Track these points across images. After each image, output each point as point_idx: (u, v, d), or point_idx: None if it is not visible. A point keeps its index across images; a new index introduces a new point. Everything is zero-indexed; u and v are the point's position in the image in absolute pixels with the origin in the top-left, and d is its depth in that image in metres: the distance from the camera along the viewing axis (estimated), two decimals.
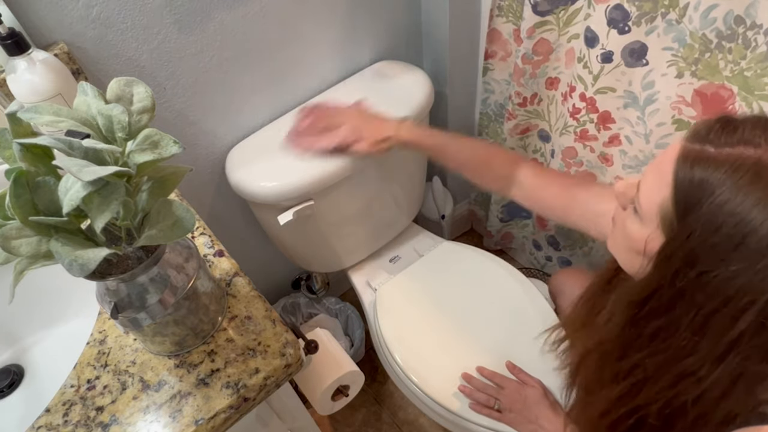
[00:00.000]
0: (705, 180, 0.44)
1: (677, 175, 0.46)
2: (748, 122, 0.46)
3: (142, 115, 0.48)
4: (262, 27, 0.91)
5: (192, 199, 1.00)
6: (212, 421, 0.55)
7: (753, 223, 0.41)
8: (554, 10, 0.95)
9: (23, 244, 0.43)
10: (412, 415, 1.35)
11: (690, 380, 0.48)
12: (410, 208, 1.23)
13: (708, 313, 0.45)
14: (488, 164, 0.86)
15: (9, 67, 0.64)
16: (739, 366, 0.45)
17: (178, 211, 0.48)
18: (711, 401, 0.48)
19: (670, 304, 0.48)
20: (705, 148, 0.45)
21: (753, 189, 0.42)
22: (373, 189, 1.06)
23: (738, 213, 0.42)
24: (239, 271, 0.66)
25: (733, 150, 0.44)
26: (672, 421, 0.51)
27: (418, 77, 1.07)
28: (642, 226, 0.50)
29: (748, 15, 0.70)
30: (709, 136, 0.46)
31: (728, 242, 0.43)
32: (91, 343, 0.62)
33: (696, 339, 0.46)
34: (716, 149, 0.45)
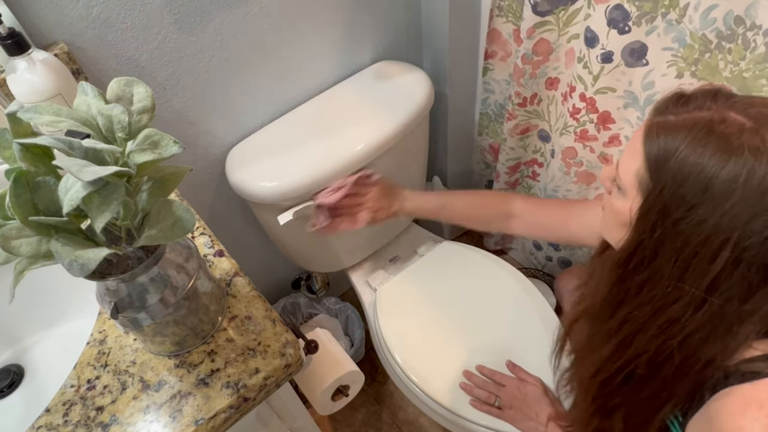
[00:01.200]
0: (669, 143, 0.50)
1: (646, 145, 0.52)
2: (699, 92, 0.52)
3: (142, 115, 0.48)
4: (262, 27, 0.91)
5: (192, 199, 1.00)
6: (212, 421, 0.55)
7: (713, 169, 0.47)
8: (554, 10, 0.95)
9: (23, 244, 0.43)
10: (412, 415, 1.35)
11: (676, 326, 0.52)
12: None
13: (686, 258, 0.49)
14: (484, 210, 0.95)
15: (9, 67, 0.64)
16: (720, 308, 0.49)
17: (178, 211, 0.48)
18: (695, 344, 0.52)
19: (651, 256, 0.52)
20: (667, 118, 0.52)
21: (709, 142, 0.47)
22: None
23: (699, 163, 0.48)
24: (239, 271, 0.67)
25: (689, 115, 0.50)
26: (659, 368, 0.55)
27: (418, 77, 1.07)
28: (625, 199, 0.55)
29: (748, 15, 0.70)
30: (668, 108, 0.53)
31: (695, 189, 0.48)
32: (91, 343, 0.62)
33: (679, 285, 0.50)
34: (675, 117, 0.51)
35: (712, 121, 0.49)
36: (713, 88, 0.53)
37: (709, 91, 0.52)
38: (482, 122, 1.34)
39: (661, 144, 0.51)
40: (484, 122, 1.34)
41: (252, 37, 0.91)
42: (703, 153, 0.48)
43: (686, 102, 0.52)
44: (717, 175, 0.47)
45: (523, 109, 1.15)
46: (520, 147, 1.26)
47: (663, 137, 0.51)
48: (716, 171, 0.47)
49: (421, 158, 1.16)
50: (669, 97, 0.54)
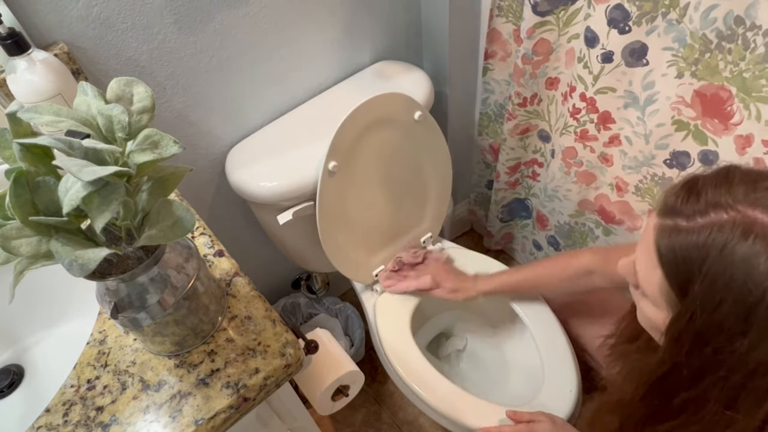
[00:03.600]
0: (688, 257, 0.43)
1: (661, 256, 0.45)
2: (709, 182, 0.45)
3: (142, 115, 0.48)
4: (262, 27, 0.91)
5: (192, 199, 1.00)
6: (212, 421, 0.55)
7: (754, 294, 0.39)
8: (554, 10, 0.95)
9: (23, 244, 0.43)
10: (412, 415, 1.35)
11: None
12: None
13: (734, 388, 0.43)
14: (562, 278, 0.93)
15: (9, 67, 0.64)
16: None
17: (178, 211, 0.48)
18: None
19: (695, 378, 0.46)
20: (677, 223, 0.44)
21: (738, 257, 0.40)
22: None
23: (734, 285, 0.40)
24: (239, 271, 0.66)
25: (705, 219, 0.43)
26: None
27: (418, 77, 1.07)
28: (657, 309, 0.49)
29: (748, 15, 0.70)
30: (677, 206, 0.45)
31: (734, 317, 0.41)
32: (91, 343, 0.62)
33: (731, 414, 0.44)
34: (688, 221, 0.44)
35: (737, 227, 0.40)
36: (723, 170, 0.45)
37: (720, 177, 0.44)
38: (482, 122, 1.34)
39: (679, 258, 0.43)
40: (484, 122, 1.34)
41: (252, 37, 0.91)
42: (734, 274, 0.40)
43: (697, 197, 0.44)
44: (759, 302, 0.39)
45: (523, 109, 1.15)
46: (520, 147, 1.26)
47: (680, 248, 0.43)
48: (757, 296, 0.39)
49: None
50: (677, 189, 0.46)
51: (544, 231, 1.37)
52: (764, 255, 0.39)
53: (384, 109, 0.93)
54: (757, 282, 0.39)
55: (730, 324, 0.41)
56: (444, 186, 1.14)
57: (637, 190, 1.03)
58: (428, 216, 1.16)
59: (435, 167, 1.09)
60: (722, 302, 0.41)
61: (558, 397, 0.94)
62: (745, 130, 0.79)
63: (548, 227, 1.34)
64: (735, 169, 0.45)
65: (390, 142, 0.98)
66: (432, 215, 1.17)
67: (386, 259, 1.13)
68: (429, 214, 1.16)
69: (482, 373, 1.19)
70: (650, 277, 0.47)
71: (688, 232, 0.43)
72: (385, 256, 1.13)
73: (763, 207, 0.41)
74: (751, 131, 0.79)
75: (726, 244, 0.41)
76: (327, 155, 0.89)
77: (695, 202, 0.44)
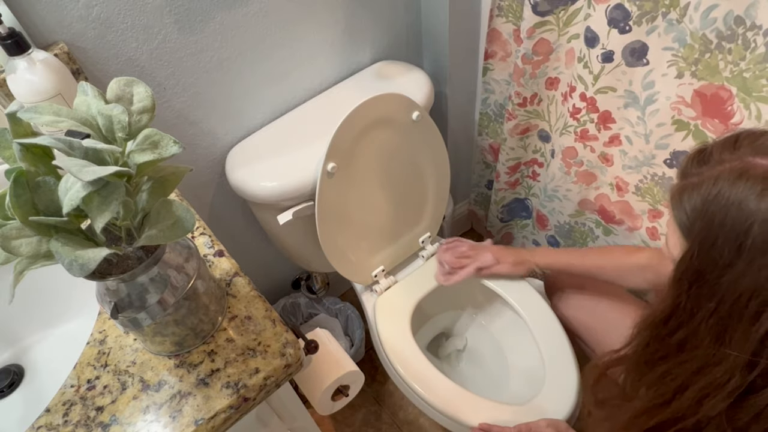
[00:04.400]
0: (693, 205, 0.48)
1: (675, 213, 0.50)
2: (718, 145, 0.50)
3: (142, 115, 0.48)
4: (262, 27, 0.91)
5: (192, 199, 1.00)
6: (212, 421, 0.55)
7: (745, 224, 0.44)
8: (554, 10, 0.95)
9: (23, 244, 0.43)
10: (412, 415, 1.35)
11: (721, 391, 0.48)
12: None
13: (725, 317, 0.46)
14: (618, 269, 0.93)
15: (9, 67, 0.64)
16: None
17: (178, 211, 0.48)
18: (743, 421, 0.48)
19: (690, 314, 0.49)
20: (689, 180, 0.50)
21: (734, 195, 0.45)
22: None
23: (727, 223, 0.45)
24: (239, 271, 0.66)
25: (711, 171, 0.48)
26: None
27: (418, 77, 1.07)
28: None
29: (748, 15, 0.70)
30: (688, 168, 0.51)
31: (728, 248, 0.45)
32: (91, 343, 0.62)
33: (719, 347, 0.47)
34: (698, 177, 0.49)
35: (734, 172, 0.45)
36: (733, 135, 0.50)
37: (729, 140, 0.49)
38: (482, 122, 1.34)
39: (686, 206, 0.48)
40: (484, 122, 1.34)
41: (252, 37, 0.91)
42: (728, 212, 0.45)
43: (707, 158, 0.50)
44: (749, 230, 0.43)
45: (523, 109, 1.15)
46: (520, 147, 1.26)
47: (687, 199, 0.48)
48: (745, 228, 0.44)
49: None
50: (690, 156, 0.52)
51: (544, 231, 1.37)
52: (755, 193, 0.43)
53: (382, 109, 0.93)
54: (747, 215, 0.44)
55: (723, 257, 0.45)
56: (442, 186, 1.14)
57: (637, 190, 1.03)
58: (427, 216, 1.16)
59: (433, 167, 1.09)
60: (717, 238, 0.46)
61: (558, 396, 0.94)
62: None
63: (548, 227, 1.34)
64: (744, 132, 0.50)
65: (388, 143, 0.98)
66: (431, 215, 1.17)
67: (385, 260, 1.13)
68: (428, 214, 1.16)
69: (482, 373, 1.19)
70: (672, 239, 0.52)
71: (695, 184, 0.48)
72: (383, 257, 1.13)
73: (763, 154, 0.46)
74: None
75: (724, 185, 0.46)
76: (326, 156, 0.89)
77: (705, 161, 0.49)
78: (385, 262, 1.14)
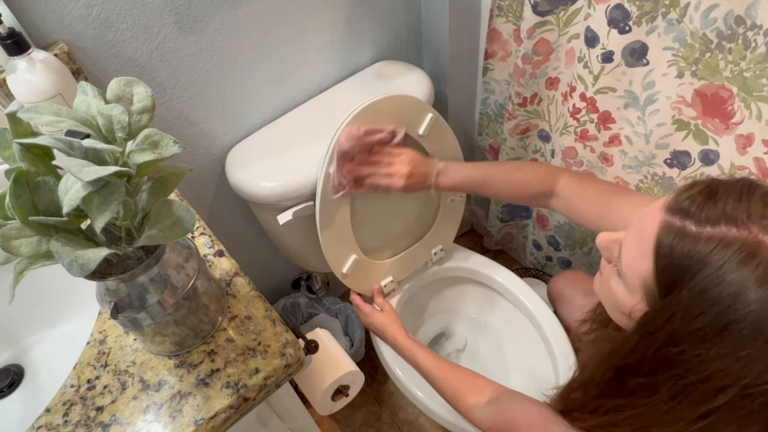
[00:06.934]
0: (686, 263, 0.43)
1: (658, 252, 0.45)
2: (732, 193, 0.44)
3: (142, 115, 0.48)
4: (262, 27, 0.91)
5: (192, 199, 1.00)
6: (212, 421, 0.55)
7: (737, 313, 0.41)
8: (554, 10, 0.95)
9: (23, 244, 0.43)
10: (412, 415, 1.35)
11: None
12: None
13: (687, 385, 0.46)
14: (527, 188, 0.86)
15: (9, 67, 0.64)
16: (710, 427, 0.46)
17: (178, 211, 0.48)
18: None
19: (653, 371, 0.48)
20: (686, 225, 0.44)
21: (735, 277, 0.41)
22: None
23: (721, 302, 0.41)
24: (239, 271, 0.66)
25: (714, 230, 0.43)
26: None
27: (418, 77, 1.07)
28: (627, 294, 0.50)
29: (749, 15, 0.70)
30: (691, 209, 0.45)
31: (710, 328, 0.42)
32: (91, 343, 0.62)
33: (674, 404, 0.47)
34: (697, 227, 0.43)
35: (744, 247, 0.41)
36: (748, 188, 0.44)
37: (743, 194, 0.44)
38: (482, 122, 1.34)
39: (677, 259, 0.44)
40: (484, 122, 1.34)
41: (252, 37, 0.91)
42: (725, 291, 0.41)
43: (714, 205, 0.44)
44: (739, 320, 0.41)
45: (523, 109, 1.15)
46: (520, 147, 1.26)
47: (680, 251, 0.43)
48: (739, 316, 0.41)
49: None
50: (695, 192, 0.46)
51: (544, 231, 1.37)
52: (760, 282, 0.40)
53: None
54: (743, 303, 0.40)
55: (704, 333, 0.43)
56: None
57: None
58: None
59: None
60: (704, 313, 0.42)
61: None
62: (746, 130, 0.79)
63: (548, 227, 1.34)
64: (757, 186, 0.45)
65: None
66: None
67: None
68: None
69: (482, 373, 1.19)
70: (636, 266, 0.48)
71: (694, 238, 0.43)
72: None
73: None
74: (752, 131, 0.79)
75: (728, 260, 0.41)
76: (327, 160, 0.86)
77: (711, 209, 0.44)
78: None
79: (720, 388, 0.44)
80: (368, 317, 1.02)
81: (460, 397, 0.81)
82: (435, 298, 1.23)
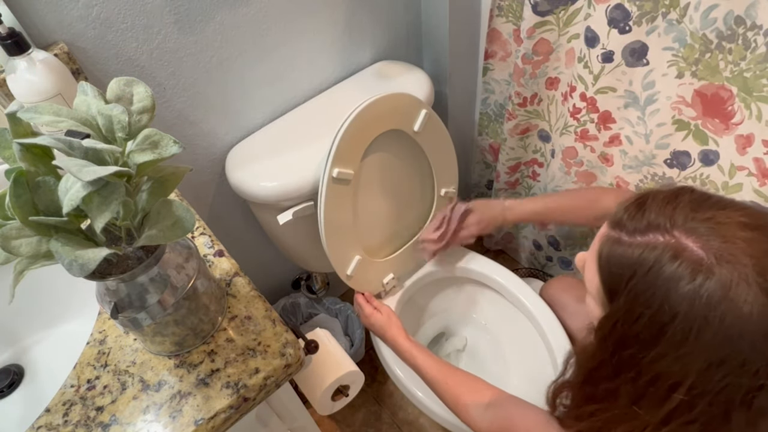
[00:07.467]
0: (619, 270, 0.47)
1: (600, 263, 0.49)
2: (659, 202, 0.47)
3: (142, 115, 0.48)
4: (262, 27, 0.91)
5: (192, 199, 1.00)
6: (212, 421, 0.55)
7: (668, 314, 0.43)
8: (554, 10, 0.95)
9: (23, 244, 0.43)
10: (412, 415, 1.35)
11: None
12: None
13: (641, 387, 0.48)
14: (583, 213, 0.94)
15: (9, 67, 0.64)
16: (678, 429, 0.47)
17: (178, 211, 0.48)
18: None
19: (613, 374, 0.51)
20: (620, 236, 0.48)
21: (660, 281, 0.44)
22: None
23: (652, 305, 0.44)
24: (239, 271, 0.66)
25: (642, 238, 0.46)
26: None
27: (418, 77, 1.07)
28: (595, 305, 0.54)
29: (749, 15, 0.70)
30: (623, 220, 0.48)
31: (648, 331, 0.45)
32: (91, 343, 0.62)
33: (636, 408, 0.49)
34: (629, 237, 0.47)
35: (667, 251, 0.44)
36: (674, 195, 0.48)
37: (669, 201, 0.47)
38: (482, 122, 1.34)
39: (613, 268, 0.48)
40: (484, 122, 1.34)
41: (252, 37, 0.91)
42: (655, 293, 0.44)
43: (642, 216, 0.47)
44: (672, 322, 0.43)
45: (523, 109, 1.15)
46: (520, 147, 1.26)
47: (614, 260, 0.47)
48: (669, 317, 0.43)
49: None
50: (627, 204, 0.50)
51: (544, 231, 1.37)
52: (684, 280, 0.43)
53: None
54: (672, 304, 0.43)
55: (644, 336, 0.46)
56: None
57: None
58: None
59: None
60: (641, 316, 0.45)
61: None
62: (746, 130, 0.79)
63: (548, 227, 1.34)
64: (685, 193, 0.48)
65: (395, 145, 0.97)
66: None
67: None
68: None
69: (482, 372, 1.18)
70: (592, 278, 0.52)
71: (625, 246, 0.47)
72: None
73: (696, 236, 0.44)
74: (752, 131, 0.79)
75: (653, 264, 0.44)
76: (331, 162, 0.86)
77: (639, 219, 0.47)
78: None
79: (669, 388, 0.46)
80: (369, 318, 1.03)
81: (459, 401, 0.81)
82: (435, 298, 1.23)
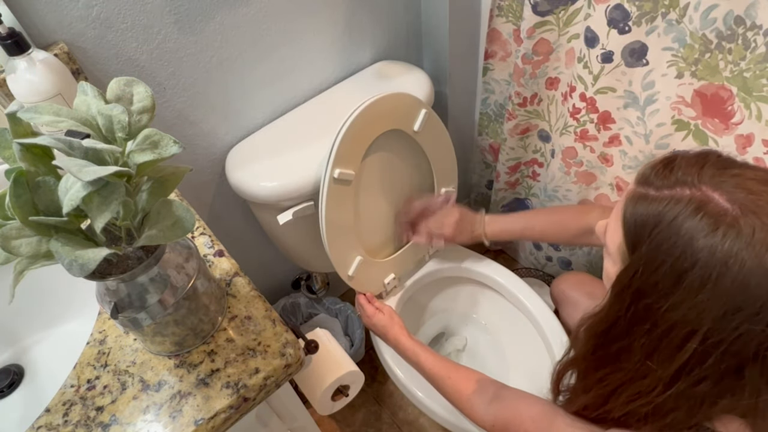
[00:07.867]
0: (644, 221, 0.48)
1: (625, 219, 0.51)
2: (685, 161, 0.49)
3: (142, 115, 0.48)
4: (262, 27, 0.91)
5: (192, 199, 1.00)
6: (212, 421, 0.55)
7: (687, 262, 0.45)
8: (554, 10, 0.95)
9: (23, 244, 0.43)
10: (412, 415, 1.35)
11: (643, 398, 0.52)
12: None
13: (655, 339, 0.49)
14: (565, 229, 0.94)
15: (9, 67, 0.64)
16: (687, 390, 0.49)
17: (178, 211, 0.48)
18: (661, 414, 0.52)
19: (627, 330, 0.52)
20: (647, 191, 0.50)
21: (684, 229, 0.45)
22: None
23: (673, 252, 0.46)
24: (239, 271, 0.66)
25: (669, 192, 0.48)
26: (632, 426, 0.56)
27: (418, 77, 1.07)
28: (613, 264, 0.55)
29: (748, 15, 0.70)
30: (650, 178, 0.50)
31: (668, 279, 0.47)
32: (91, 343, 0.62)
33: (648, 363, 0.50)
34: (656, 191, 0.49)
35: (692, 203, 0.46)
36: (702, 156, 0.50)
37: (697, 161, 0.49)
38: (482, 122, 1.34)
39: (638, 220, 0.49)
40: (484, 122, 1.34)
41: (252, 37, 0.91)
42: (677, 242, 0.45)
43: (669, 173, 0.49)
44: (691, 269, 0.45)
45: (523, 109, 1.15)
46: (520, 147, 1.26)
47: (641, 212, 0.49)
48: (690, 264, 0.45)
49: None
50: (654, 163, 0.52)
51: None
52: (708, 228, 0.44)
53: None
54: (693, 251, 0.45)
55: (663, 285, 0.47)
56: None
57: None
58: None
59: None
60: (662, 264, 0.47)
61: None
62: (746, 130, 0.79)
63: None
64: (712, 154, 0.50)
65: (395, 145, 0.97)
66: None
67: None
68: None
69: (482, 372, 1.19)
70: (614, 237, 0.53)
71: (651, 200, 0.48)
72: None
73: (723, 190, 0.45)
74: (752, 131, 0.79)
75: (678, 215, 0.46)
76: (331, 163, 0.86)
77: (667, 176, 0.49)
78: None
79: (684, 337, 0.47)
80: (371, 319, 1.03)
81: (463, 396, 0.81)
82: (435, 297, 1.23)
